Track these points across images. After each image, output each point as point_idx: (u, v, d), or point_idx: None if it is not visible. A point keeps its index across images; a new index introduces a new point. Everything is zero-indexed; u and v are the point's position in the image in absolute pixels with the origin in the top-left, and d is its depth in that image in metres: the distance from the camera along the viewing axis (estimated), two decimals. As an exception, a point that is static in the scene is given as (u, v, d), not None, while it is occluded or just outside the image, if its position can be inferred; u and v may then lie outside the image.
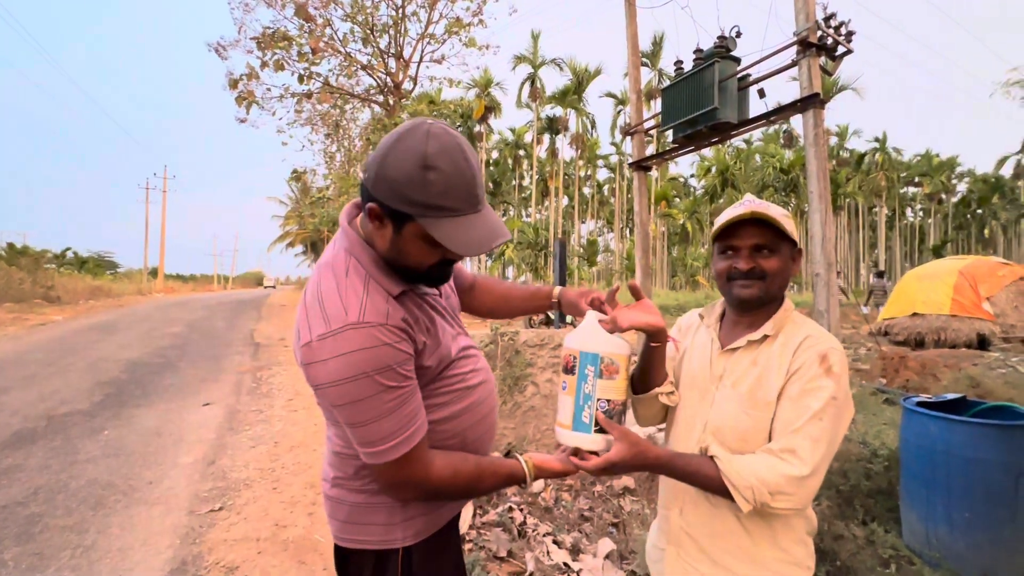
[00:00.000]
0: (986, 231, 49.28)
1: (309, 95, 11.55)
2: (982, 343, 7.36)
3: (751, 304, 1.05)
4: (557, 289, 1.32)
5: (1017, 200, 43.58)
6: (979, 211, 50.27)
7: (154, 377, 6.59)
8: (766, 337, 1.04)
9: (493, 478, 1.02)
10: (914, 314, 8.20)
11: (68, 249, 28.22)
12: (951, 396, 2.63)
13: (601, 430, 1.00)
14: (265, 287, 53.28)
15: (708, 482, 0.95)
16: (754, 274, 1.03)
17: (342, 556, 1.05)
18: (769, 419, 0.99)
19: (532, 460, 1.06)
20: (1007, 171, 46.77)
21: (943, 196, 50.40)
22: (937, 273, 8.62)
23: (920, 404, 2.53)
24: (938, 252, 40.62)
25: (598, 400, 1.00)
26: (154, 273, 36.16)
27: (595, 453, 1.00)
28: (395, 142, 0.84)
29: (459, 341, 1.07)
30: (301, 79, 10.99)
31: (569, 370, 1.02)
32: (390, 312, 0.88)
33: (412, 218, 0.85)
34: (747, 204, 1.04)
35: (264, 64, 10.71)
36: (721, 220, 1.05)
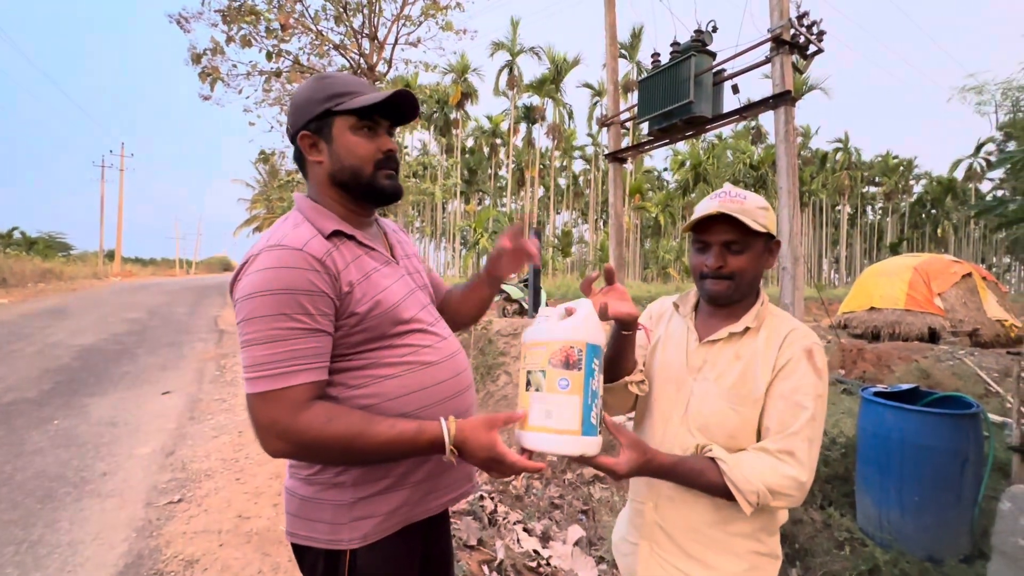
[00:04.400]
0: (939, 230, 51.76)
1: (278, 74, 11.08)
2: (933, 336, 7.74)
3: (722, 300, 1.04)
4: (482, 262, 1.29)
5: (968, 201, 45.89)
6: (933, 211, 52.74)
7: (109, 365, 6.29)
8: (747, 330, 1.03)
9: (390, 432, 0.87)
10: (872, 308, 8.56)
11: (15, 229, 26.63)
12: (905, 387, 2.75)
13: (603, 430, 0.91)
14: None
15: (710, 486, 0.94)
16: (722, 273, 1.01)
17: (298, 552, 1.01)
18: (757, 415, 0.98)
19: (457, 424, 0.90)
20: (960, 174, 49.20)
21: (900, 196, 52.70)
22: (894, 270, 9.01)
23: (876, 394, 2.64)
24: (895, 250, 42.49)
25: (600, 397, 0.90)
26: (111, 256, 34.43)
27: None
28: (296, 90, 1.03)
29: (416, 312, 1.03)
30: (269, 56, 10.53)
31: (571, 365, 0.86)
32: (310, 242, 0.90)
33: (331, 114, 0.96)
34: (720, 198, 1.00)
35: (230, 39, 10.21)
36: (695, 214, 1.03)
